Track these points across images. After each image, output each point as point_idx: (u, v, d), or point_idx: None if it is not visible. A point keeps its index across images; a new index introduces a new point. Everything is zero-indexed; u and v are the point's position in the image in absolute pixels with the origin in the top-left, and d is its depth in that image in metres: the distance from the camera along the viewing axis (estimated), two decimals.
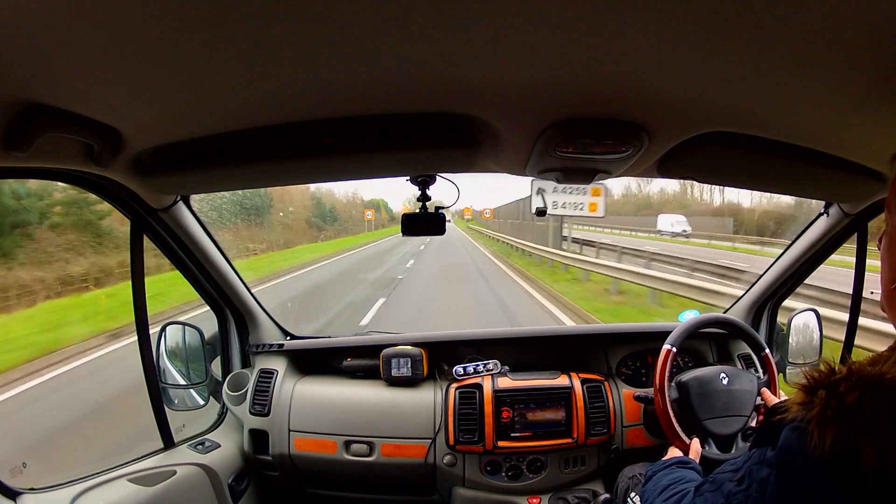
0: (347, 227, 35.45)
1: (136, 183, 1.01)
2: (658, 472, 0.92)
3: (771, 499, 0.54)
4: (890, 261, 0.59)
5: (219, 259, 1.42)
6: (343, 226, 35.23)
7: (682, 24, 0.50)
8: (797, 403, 0.54)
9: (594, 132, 0.81)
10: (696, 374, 1.32)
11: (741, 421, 1.27)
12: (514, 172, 1.09)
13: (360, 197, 46.09)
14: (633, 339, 1.68)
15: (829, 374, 0.53)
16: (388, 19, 0.50)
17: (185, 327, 1.52)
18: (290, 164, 0.93)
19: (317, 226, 29.08)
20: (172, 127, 0.80)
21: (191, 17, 0.48)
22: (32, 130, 0.64)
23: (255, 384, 1.57)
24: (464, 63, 0.60)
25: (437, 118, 0.79)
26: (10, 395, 4.37)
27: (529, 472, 1.47)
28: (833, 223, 1.33)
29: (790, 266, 1.53)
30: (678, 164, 0.96)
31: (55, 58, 0.54)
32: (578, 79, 0.65)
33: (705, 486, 0.66)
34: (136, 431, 3.17)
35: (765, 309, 1.68)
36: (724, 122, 0.79)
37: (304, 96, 0.70)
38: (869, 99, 0.65)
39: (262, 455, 1.52)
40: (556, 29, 0.52)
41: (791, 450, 0.53)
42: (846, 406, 0.49)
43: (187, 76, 0.61)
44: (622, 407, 1.52)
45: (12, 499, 0.96)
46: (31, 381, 4.71)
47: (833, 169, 0.93)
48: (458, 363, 1.57)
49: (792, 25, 0.50)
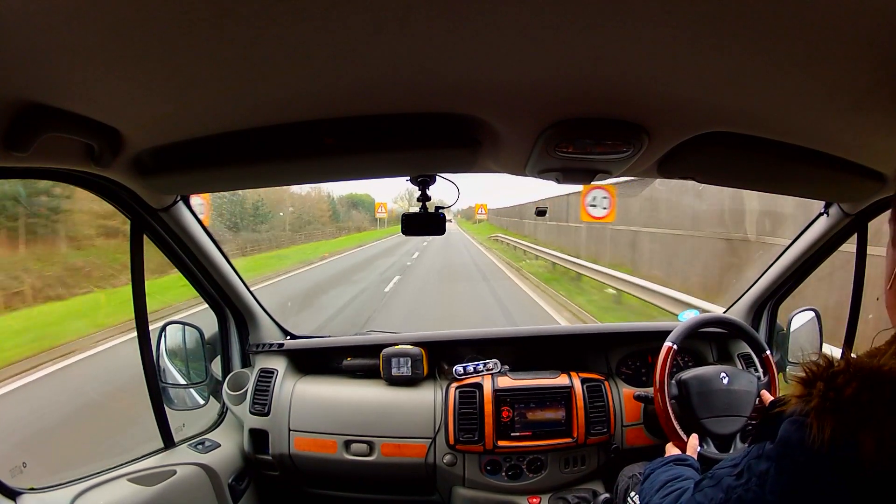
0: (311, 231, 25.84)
1: (136, 183, 1.01)
2: (656, 470, 0.92)
3: (770, 492, 0.54)
4: (891, 262, 0.60)
5: (219, 259, 1.42)
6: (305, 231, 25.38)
7: (682, 24, 0.50)
8: (796, 396, 0.54)
9: (594, 132, 0.81)
10: (696, 372, 1.33)
11: (740, 421, 1.27)
12: (514, 172, 1.09)
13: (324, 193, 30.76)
14: (634, 339, 1.68)
15: (827, 366, 0.53)
16: (388, 19, 0.50)
17: (185, 327, 1.52)
18: (290, 165, 0.93)
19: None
20: (172, 127, 0.80)
21: (191, 18, 0.48)
22: (32, 130, 0.64)
23: (255, 384, 1.57)
24: (464, 63, 0.60)
25: (437, 118, 0.79)
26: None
27: (529, 472, 1.47)
28: (833, 223, 1.33)
29: (790, 266, 1.52)
30: (678, 164, 0.96)
31: (55, 58, 0.54)
32: (578, 79, 0.65)
33: (705, 482, 0.66)
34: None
35: (765, 309, 1.68)
36: (724, 122, 0.79)
37: (304, 96, 0.70)
38: (869, 99, 0.65)
39: (262, 455, 1.52)
40: (556, 29, 0.52)
41: (790, 443, 0.53)
42: (844, 398, 0.50)
43: (187, 76, 0.61)
44: (622, 406, 1.52)
45: (12, 499, 0.96)
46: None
47: (833, 169, 0.93)
48: (458, 363, 1.57)
49: (792, 25, 0.50)
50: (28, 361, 4.74)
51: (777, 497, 0.54)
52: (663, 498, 0.78)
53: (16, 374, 4.52)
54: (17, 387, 4.30)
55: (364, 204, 37.93)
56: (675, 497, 0.75)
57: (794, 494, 0.53)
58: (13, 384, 4.34)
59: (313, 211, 28.69)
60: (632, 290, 6.67)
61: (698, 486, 0.67)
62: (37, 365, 4.73)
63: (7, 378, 4.41)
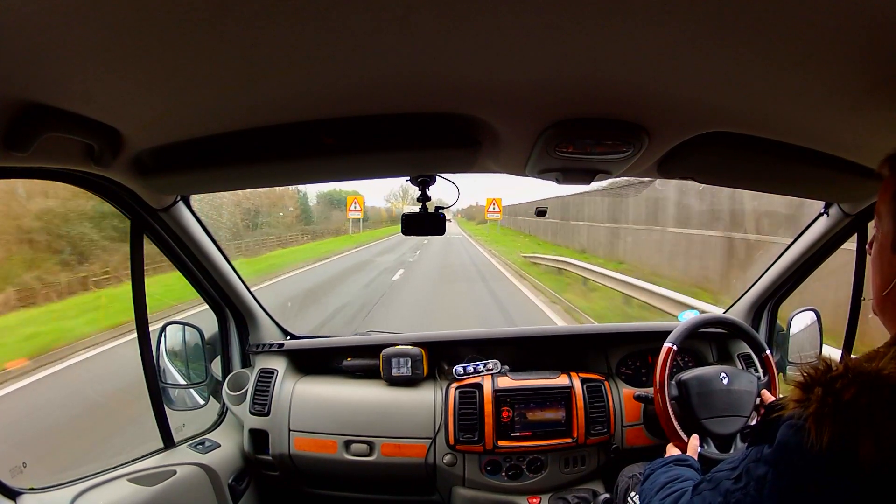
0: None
1: (136, 183, 1.01)
2: (656, 471, 0.92)
3: (768, 496, 0.54)
4: (881, 267, 0.60)
5: (219, 259, 1.42)
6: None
7: (682, 25, 0.50)
8: (794, 400, 0.54)
9: (594, 132, 0.81)
10: (696, 373, 1.32)
11: (740, 421, 1.27)
12: (514, 172, 1.09)
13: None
14: (633, 339, 1.68)
15: (825, 370, 0.53)
16: (388, 19, 0.50)
17: (185, 327, 1.52)
18: (290, 165, 0.93)
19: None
20: (172, 127, 0.80)
21: (191, 18, 0.48)
22: (32, 130, 0.64)
23: (255, 384, 1.57)
24: (464, 63, 0.60)
25: (438, 118, 0.79)
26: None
27: (529, 472, 1.47)
28: (833, 223, 1.33)
29: (790, 266, 1.52)
30: (678, 164, 0.96)
31: (55, 58, 0.54)
32: (578, 79, 0.65)
33: (703, 485, 0.66)
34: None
35: (765, 309, 1.68)
36: (724, 122, 0.79)
37: (304, 96, 0.70)
38: (868, 99, 0.65)
39: (262, 455, 1.52)
40: (557, 29, 0.52)
41: (788, 447, 0.53)
42: (843, 402, 0.50)
43: (187, 76, 0.61)
44: (622, 407, 1.52)
45: (12, 499, 0.96)
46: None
47: (833, 169, 0.93)
48: (458, 363, 1.57)
49: (792, 26, 0.50)
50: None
51: (775, 501, 0.54)
52: (662, 500, 0.78)
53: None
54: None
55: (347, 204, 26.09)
56: (674, 500, 0.75)
57: (792, 498, 0.53)
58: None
59: (273, 209, 20.31)
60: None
61: (697, 489, 0.67)
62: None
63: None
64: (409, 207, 1.16)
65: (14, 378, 4.65)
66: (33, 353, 5.19)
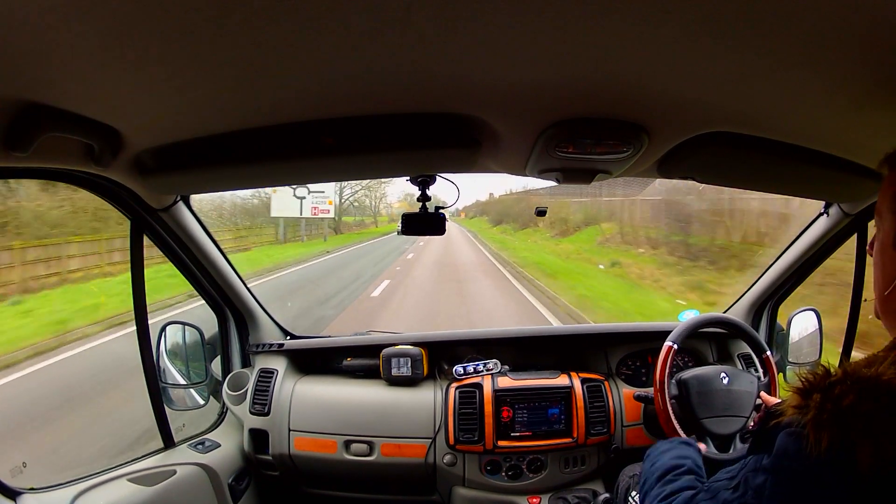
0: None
1: (136, 183, 1.01)
2: (659, 450, 0.92)
3: None
4: (883, 267, 0.59)
5: (219, 259, 1.42)
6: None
7: (682, 25, 0.50)
8: (792, 407, 0.54)
9: (594, 132, 0.81)
10: (696, 372, 1.32)
11: (740, 421, 1.27)
12: (514, 172, 1.09)
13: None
14: (633, 339, 1.68)
15: (824, 376, 0.53)
16: (389, 19, 0.50)
17: (185, 327, 1.52)
18: (290, 165, 0.93)
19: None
20: (172, 127, 0.80)
21: (191, 18, 0.48)
22: (32, 130, 0.64)
23: (255, 384, 1.57)
24: (464, 63, 0.60)
25: (438, 118, 0.79)
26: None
27: (529, 472, 1.47)
28: (833, 223, 1.33)
29: (790, 266, 1.52)
30: (678, 164, 0.96)
31: (55, 58, 0.54)
32: (579, 79, 0.64)
33: (701, 495, 0.66)
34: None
35: (765, 309, 1.68)
36: (724, 122, 0.79)
37: (304, 96, 0.70)
38: (869, 99, 0.65)
39: (262, 455, 1.52)
40: (556, 29, 0.52)
41: (787, 454, 0.53)
42: (842, 409, 0.49)
43: (187, 76, 0.61)
44: (622, 407, 1.52)
45: (12, 499, 0.96)
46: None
47: (833, 169, 0.93)
48: (458, 363, 1.57)
49: (792, 26, 0.50)
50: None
51: None
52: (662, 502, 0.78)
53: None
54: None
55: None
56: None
57: None
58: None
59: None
60: None
61: (694, 499, 0.67)
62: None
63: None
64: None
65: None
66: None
